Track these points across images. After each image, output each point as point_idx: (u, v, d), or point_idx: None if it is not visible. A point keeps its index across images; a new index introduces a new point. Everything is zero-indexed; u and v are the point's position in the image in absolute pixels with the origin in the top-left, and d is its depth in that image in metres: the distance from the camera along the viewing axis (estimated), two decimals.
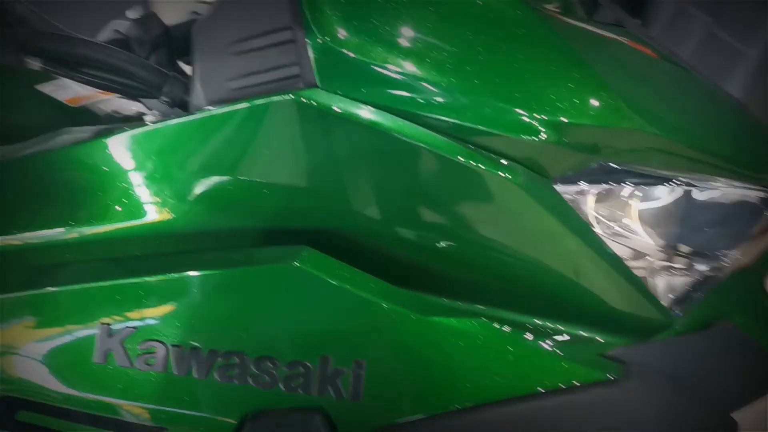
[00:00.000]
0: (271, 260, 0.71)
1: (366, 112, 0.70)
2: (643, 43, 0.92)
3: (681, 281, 0.84)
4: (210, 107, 0.75)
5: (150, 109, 1.05)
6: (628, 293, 0.80)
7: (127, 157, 0.73)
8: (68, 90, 1.18)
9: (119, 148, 0.73)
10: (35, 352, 0.71)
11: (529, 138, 0.72)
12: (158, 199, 0.74)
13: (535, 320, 0.81)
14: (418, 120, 0.71)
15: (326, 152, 0.72)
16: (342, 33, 0.70)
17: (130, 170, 0.74)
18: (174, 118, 0.74)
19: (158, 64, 1.07)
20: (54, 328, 0.71)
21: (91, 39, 0.97)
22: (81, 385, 0.71)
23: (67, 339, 0.71)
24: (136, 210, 0.74)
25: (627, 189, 0.81)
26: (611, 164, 0.78)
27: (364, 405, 0.72)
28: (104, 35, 1.08)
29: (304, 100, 0.69)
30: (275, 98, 0.70)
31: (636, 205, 0.82)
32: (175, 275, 0.71)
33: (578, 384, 0.77)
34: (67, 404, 0.71)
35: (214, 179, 0.73)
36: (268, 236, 0.75)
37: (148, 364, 0.70)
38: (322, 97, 0.70)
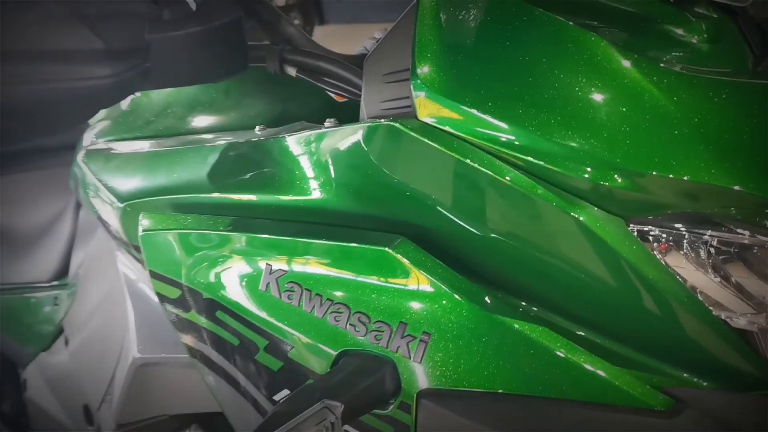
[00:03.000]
0: (369, 242, 0.94)
1: (449, 143, 0.88)
2: None
3: None
4: (367, 120, 1.00)
5: None
6: (711, 339, 0.85)
7: (299, 150, 1.03)
8: None
9: (294, 143, 1.04)
10: (230, 276, 1.06)
11: (604, 183, 0.83)
12: (315, 184, 1.02)
13: (603, 340, 0.90)
14: (500, 156, 0.87)
15: (416, 171, 0.92)
16: (440, 77, 0.89)
17: (300, 159, 1.04)
18: (333, 127, 1.01)
19: None
20: (242, 261, 1.05)
21: (331, 55, 1.28)
22: (250, 303, 1.03)
23: (247, 269, 1.04)
24: (300, 188, 1.03)
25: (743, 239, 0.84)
26: (702, 214, 0.84)
27: (423, 367, 0.91)
28: (357, 50, 1.38)
29: (400, 127, 0.91)
30: (382, 122, 0.93)
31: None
32: (306, 239, 0.99)
33: (620, 407, 0.85)
34: (242, 314, 1.04)
35: (347, 174, 0.99)
36: (384, 223, 0.98)
37: (289, 299, 0.99)
38: (415, 126, 0.90)
